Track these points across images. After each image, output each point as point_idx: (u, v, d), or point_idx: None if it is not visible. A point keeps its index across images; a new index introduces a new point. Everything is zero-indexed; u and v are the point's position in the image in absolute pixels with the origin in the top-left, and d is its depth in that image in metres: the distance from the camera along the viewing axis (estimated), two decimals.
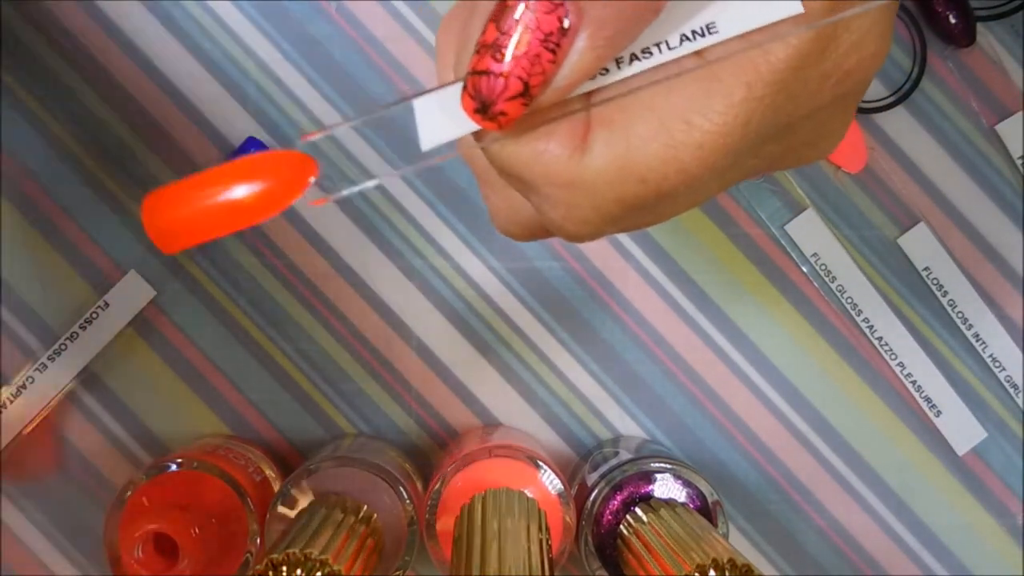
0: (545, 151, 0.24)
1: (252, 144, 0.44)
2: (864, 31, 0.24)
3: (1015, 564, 0.46)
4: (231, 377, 0.45)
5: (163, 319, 0.45)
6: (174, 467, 0.39)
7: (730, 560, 0.32)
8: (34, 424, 0.44)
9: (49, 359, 0.44)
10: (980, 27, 0.45)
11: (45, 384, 0.44)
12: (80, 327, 0.44)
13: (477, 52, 0.24)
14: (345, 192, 0.28)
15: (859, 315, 0.45)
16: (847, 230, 0.46)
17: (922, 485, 0.46)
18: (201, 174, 0.28)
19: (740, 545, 0.46)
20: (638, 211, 0.25)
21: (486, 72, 0.23)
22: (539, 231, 0.28)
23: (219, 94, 0.44)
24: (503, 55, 0.23)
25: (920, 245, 0.46)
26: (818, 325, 0.46)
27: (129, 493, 0.39)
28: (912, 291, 0.46)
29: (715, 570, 0.32)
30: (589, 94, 0.25)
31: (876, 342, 0.45)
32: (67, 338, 0.44)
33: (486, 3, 0.24)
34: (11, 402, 0.44)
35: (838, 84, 0.24)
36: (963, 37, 0.44)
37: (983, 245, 0.46)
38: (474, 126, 0.25)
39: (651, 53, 0.24)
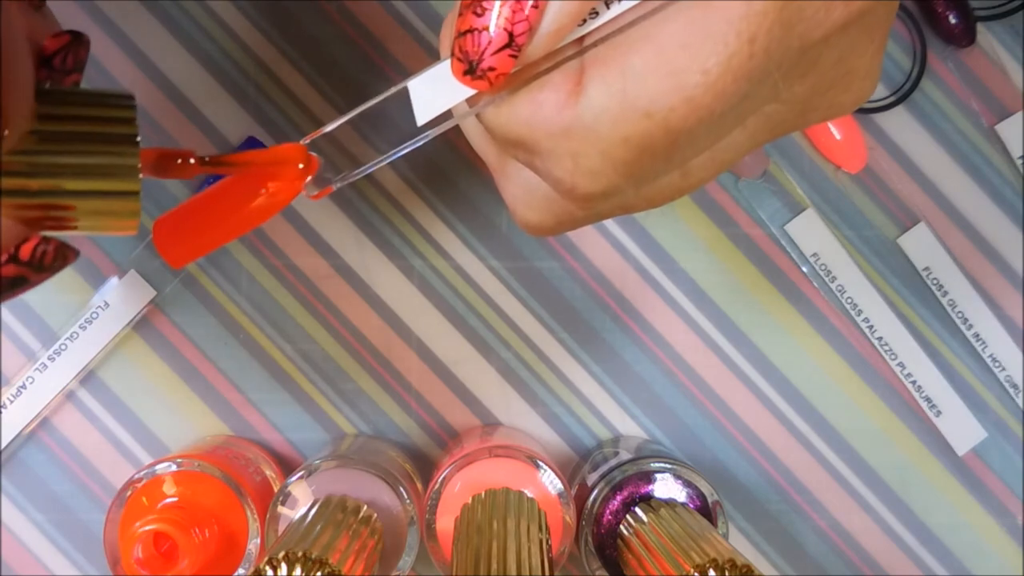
0: (541, 102, 0.23)
1: (252, 144, 0.44)
2: None
3: (1015, 564, 0.46)
4: (231, 377, 0.45)
5: (163, 319, 0.45)
6: (174, 467, 0.39)
7: (730, 560, 0.32)
8: (34, 424, 0.44)
9: (49, 359, 0.44)
10: (980, 27, 0.45)
11: (45, 384, 0.44)
12: (80, 327, 0.44)
13: (460, 14, 0.23)
14: (345, 180, 0.28)
15: (859, 315, 0.45)
16: (847, 230, 0.46)
17: (922, 485, 0.46)
18: (205, 193, 0.29)
19: (740, 545, 0.46)
20: (651, 155, 0.23)
21: (470, 30, 0.23)
22: (561, 213, 0.27)
23: (219, 94, 0.44)
24: (483, 9, 0.22)
25: (920, 245, 0.46)
26: (818, 325, 0.46)
27: (129, 493, 0.39)
28: (912, 291, 0.46)
29: (715, 570, 0.32)
30: (581, 39, 0.24)
31: (876, 342, 0.45)
32: (67, 338, 0.44)
33: None
34: (11, 402, 0.44)
35: None
36: (963, 37, 0.44)
37: (983, 245, 0.46)
38: (467, 91, 0.24)
39: None
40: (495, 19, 0.22)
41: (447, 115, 0.25)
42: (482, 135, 0.28)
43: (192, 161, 0.27)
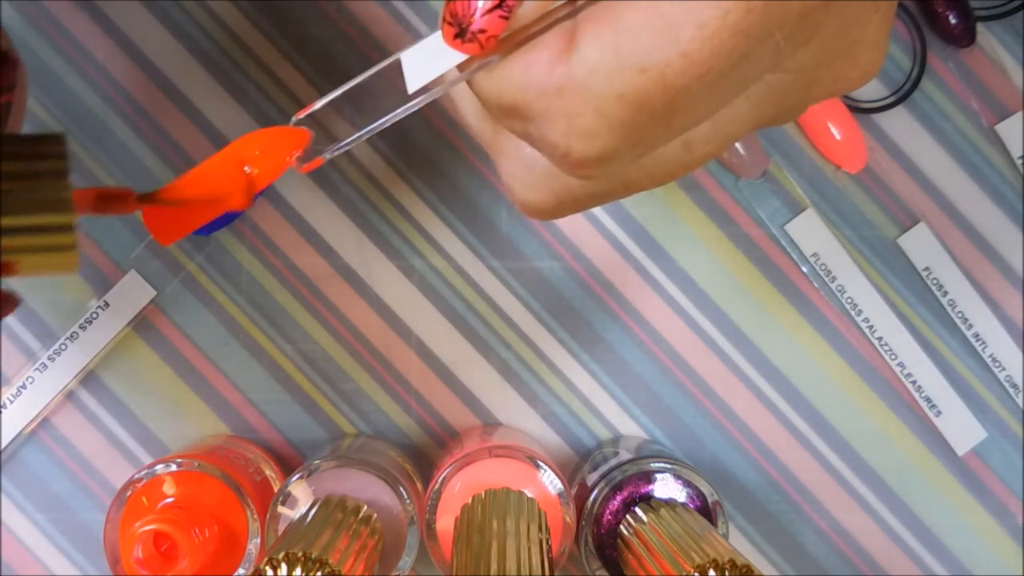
0: (532, 61, 0.23)
1: None
2: None
3: (1015, 564, 0.46)
4: (231, 377, 0.45)
5: (163, 319, 0.45)
6: (174, 467, 0.39)
7: (730, 560, 0.32)
8: (34, 424, 0.44)
9: (49, 359, 0.44)
10: (980, 27, 0.45)
11: (45, 384, 0.44)
12: (80, 327, 0.44)
13: None
14: (335, 150, 0.27)
15: (859, 315, 0.45)
16: (847, 230, 0.46)
17: (922, 485, 0.46)
18: (190, 174, 0.29)
19: (740, 545, 0.46)
20: (649, 115, 0.23)
21: None
22: (560, 189, 0.26)
23: (219, 94, 0.44)
24: None
25: (920, 245, 0.46)
26: (818, 325, 0.46)
27: (129, 493, 0.39)
28: (912, 291, 0.46)
29: (715, 570, 0.32)
30: (573, 0, 0.23)
31: (876, 342, 0.45)
32: (67, 338, 0.44)
33: None
34: (11, 402, 0.44)
35: None
36: (963, 37, 0.44)
37: (983, 245, 0.46)
38: (458, 57, 0.24)
39: None
40: None
41: (438, 82, 0.25)
42: (477, 112, 0.27)
43: (131, 199, 0.28)
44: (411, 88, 0.25)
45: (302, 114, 0.27)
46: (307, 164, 0.28)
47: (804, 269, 0.45)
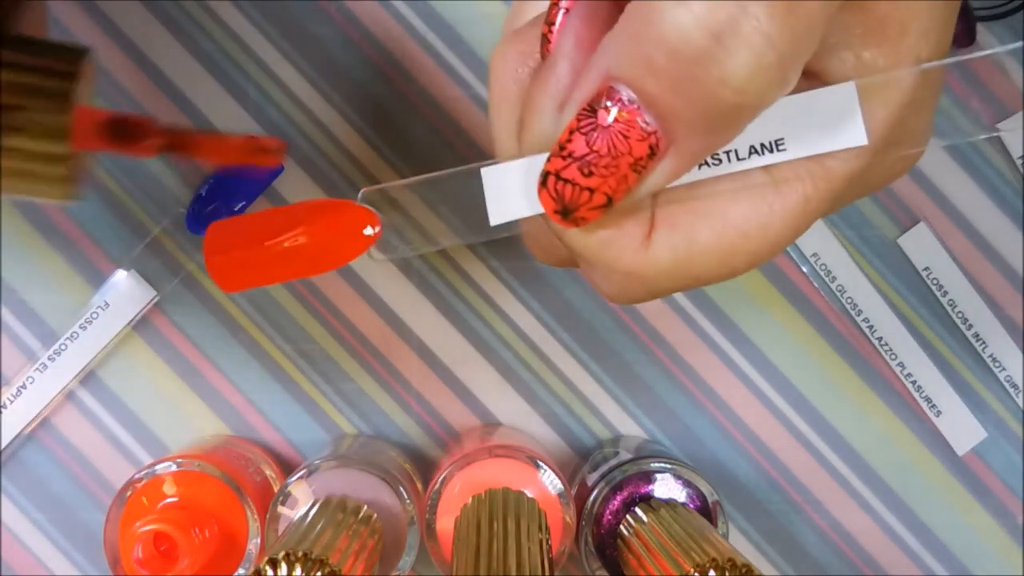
0: (611, 243, 0.25)
1: None
2: (915, 135, 0.26)
3: (1015, 564, 0.46)
4: (231, 377, 0.45)
5: (163, 319, 0.45)
6: (174, 467, 0.39)
7: (730, 560, 0.32)
8: (34, 424, 0.44)
9: (49, 359, 0.44)
10: (980, 27, 0.45)
11: (45, 384, 0.44)
12: (80, 327, 0.44)
13: (562, 157, 0.23)
14: (411, 253, 0.28)
15: (859, 315, 0.45)
16: (847, 230, 0.46)
17: (922, 485, 0.46)
18: (266, 214, 0.28)
19: (740, 545, 0.46)
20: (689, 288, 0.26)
21: (571, 181, 0.23)
22: (570, 265, 0.29)
23: (219, 94, 0.44)
24: (590, 171, 0.23)
25: (920, 245, 0.46)
26: (818, 325, 0.46)
27: (129, 493, 0.39)
28: (912, 291, 0.46)
29: (715, 570, 0.32)
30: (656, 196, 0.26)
31: (876, 342, 0.45)
32: (67, 338, 0.44)
33: (555, 59, 0.24)
34: (11, 402, 0.44)
35: (885, 181, 0.26)
36: (963, 37, 0.44)
37: (983, 245, 0.46)
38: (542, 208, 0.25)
39: (720, 161, 0.25)
40: (600, 184, 0.23)
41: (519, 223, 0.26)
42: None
43: (152, 131, 0.25)
44: (493, 220, 0.26)
45: (370, 189, 0.27)
46: (383, 258, 0.28)
47: (804, 269, 0.45)
